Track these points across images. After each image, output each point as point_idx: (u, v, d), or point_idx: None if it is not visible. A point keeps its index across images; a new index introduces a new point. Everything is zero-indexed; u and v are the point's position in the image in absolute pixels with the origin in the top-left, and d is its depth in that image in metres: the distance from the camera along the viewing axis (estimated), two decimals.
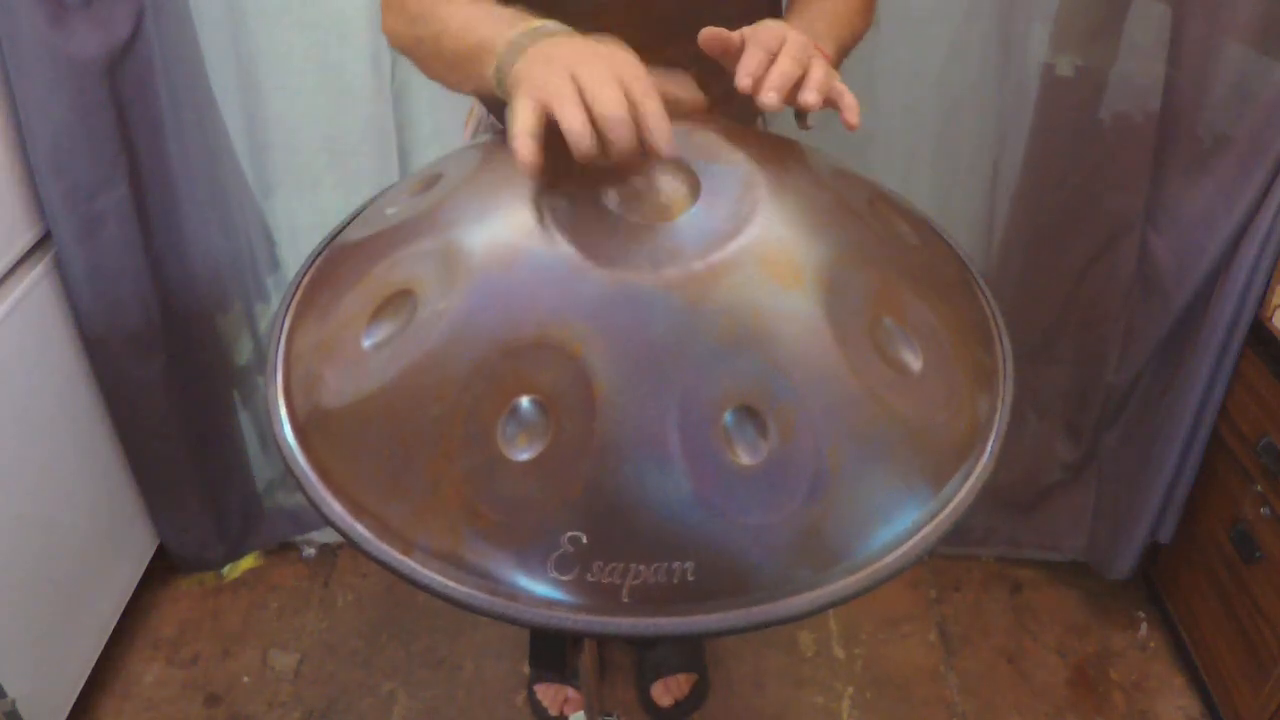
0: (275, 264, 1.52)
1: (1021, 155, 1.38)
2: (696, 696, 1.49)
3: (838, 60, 0.81)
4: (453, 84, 0.79)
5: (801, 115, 0.71)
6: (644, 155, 0.60)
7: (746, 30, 0.71)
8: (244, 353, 1.58)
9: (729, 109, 0.86)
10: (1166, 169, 1.28)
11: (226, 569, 1.69)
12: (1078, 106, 1.31)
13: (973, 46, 1.32)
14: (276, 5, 1.30)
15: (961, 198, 1.45)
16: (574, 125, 0.58)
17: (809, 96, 0.67)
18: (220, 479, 1.61)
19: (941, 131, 1.41)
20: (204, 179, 1.38)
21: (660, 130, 0.59)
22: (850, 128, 0.68)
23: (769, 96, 0.66)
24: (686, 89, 0.70)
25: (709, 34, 0.71)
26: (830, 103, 0.69)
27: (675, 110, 0.62)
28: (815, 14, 0.84)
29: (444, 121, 1.41)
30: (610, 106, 0.58)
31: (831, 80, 0.69)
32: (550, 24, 0.68)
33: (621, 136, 0.58)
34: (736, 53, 0.70)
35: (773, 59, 0.68)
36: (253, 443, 1.65)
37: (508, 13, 0.72)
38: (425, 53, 0.80)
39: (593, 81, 0.59)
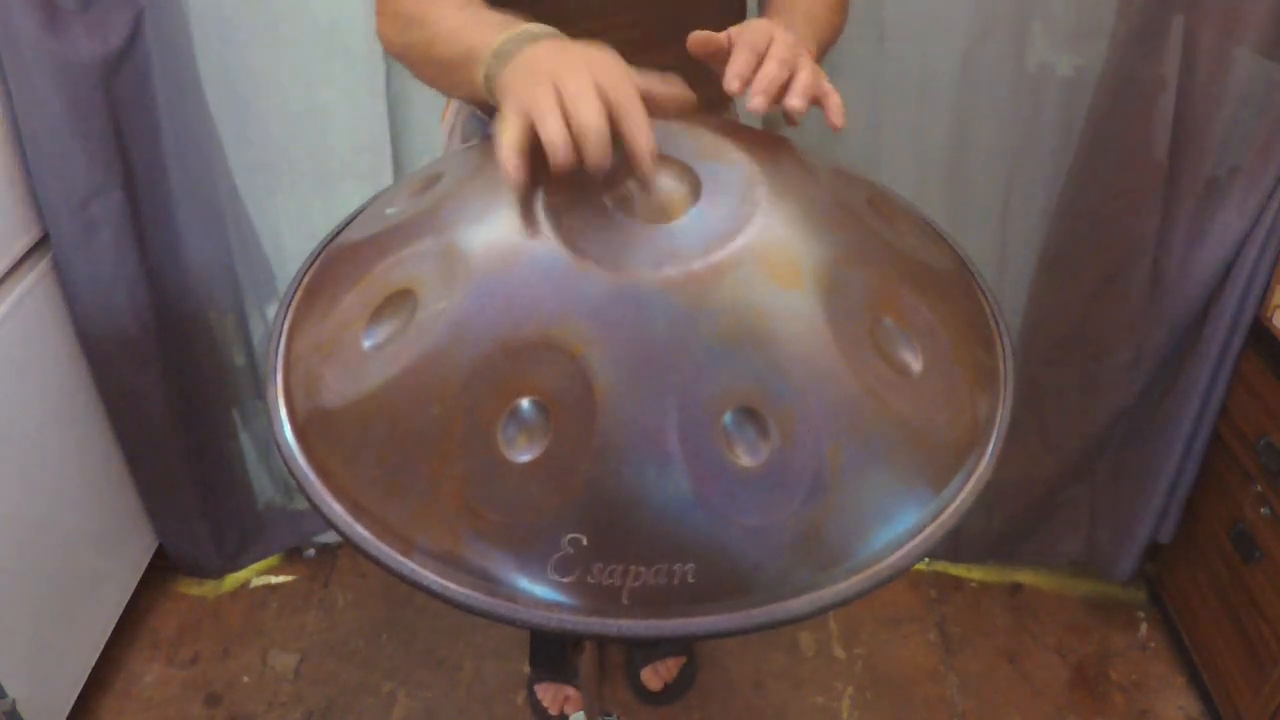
0: (270, 275, 1.52)
1: (1035, 173, 1.37)
2: (686, 678, 1.51)
3: (818, 60, 0.80)
4: (445, 89, 0.79)
5: (789, 115, 0.71)
6: (624, 164, 0.60)
7: (734, 30, 0.71)
8: (239, 362, 1.57)
9: (729, 110, 0.86)
10: (1180, 189, 1.27)
11: (227, 580, 1.70)
12: (1094, 125, 1.29)
13: (985, 64, 1.30)
14: (266, 21, 1.29)
15: (974, 217, 1.42)
16: (554, 139, 0.57)
17: (795, 102, 0.67)
18: (219, 490, 1.61)
19: (952, 151, 1.38)
20: (199, 187, 1.38)
21: (640, 140, 0.58)
22: (834, 129, 0.68)
23: (757, 100, 0.66)
24: (675, 89, 0.67)
25: (697, 38, 0.72)
26: (816, 102, 0.69)
27: (662, 112, 0.62)
28: (794, 14, 0.83)
29: (442, 136, 1.41)
30: (589, 118, 0.57)
31: (818, 81, 0.69)
32: (536, 27, 0.68)
33: (597, 149, 0.57)
34: (725, 54, 0.69)
35: (760, 60, 0.68)
36: (251, 455, 1.65)
37: (495, 18, 0.71)
38: (417, 58, 0.79)
39: (574, 91, 0.58)
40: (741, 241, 0.59)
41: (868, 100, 1.36)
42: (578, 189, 0.63)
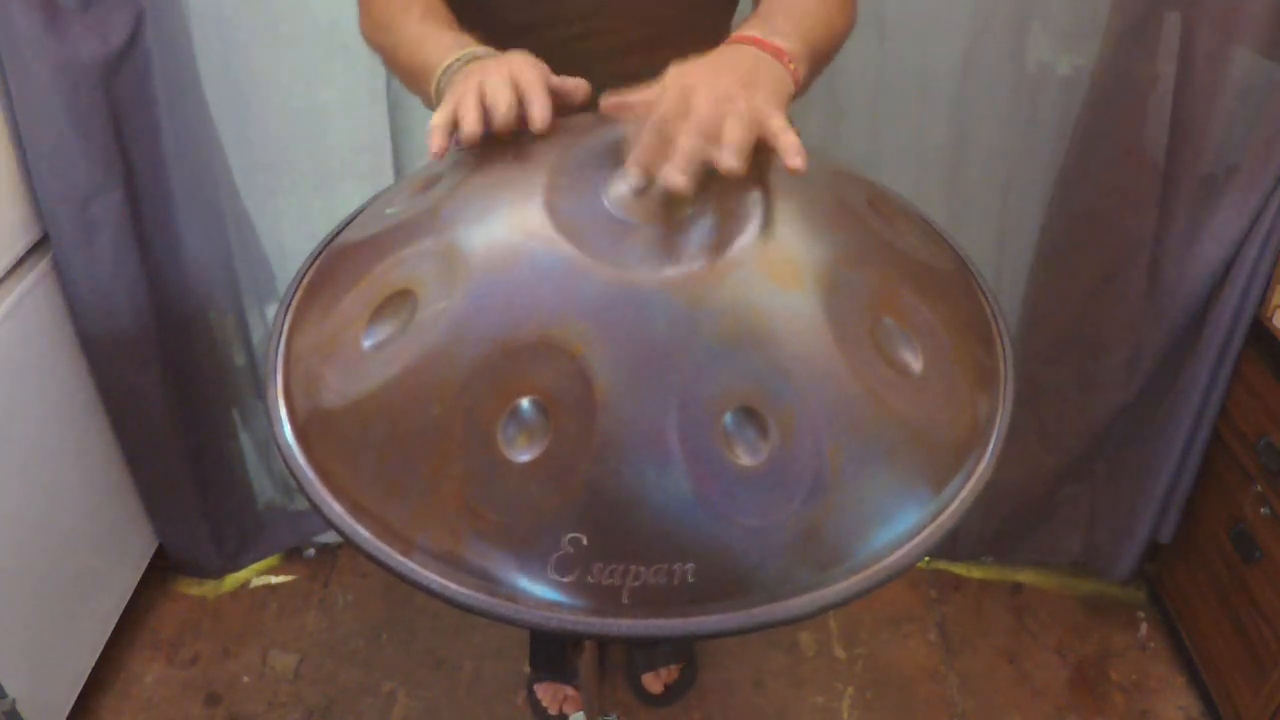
0: (270, 275, 1.52)
1: (1034, 172, 1.36)
2: (686, 680, 1.52)
3: (812, 61, 0.75)
4: (409, 89, 0.86)
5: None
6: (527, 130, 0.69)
7: (645, 99, 0.64)
8: (240, 362, 1.57)
9: None
10: (1179, 188, 1.26)
11: (227, 580, 1.70)
12: (1087, 121, 1.29)
13: (984, 63, 1.29)
14: (266, 21, 1.29)
15: (974, 217, 1.42)
16: (465, 114, 0.68)
17: (729, 161, 0.59)
18: (219, 490, 1.61)
19: (952, 150, 1.38)
20: (199, 187, 1.38)
21: (535, 110, 0.69)
22: (791, 172, 0.61)
23: (672, 176, 0.59)
24: (579, 84, 0.74)
25: (609, 104, 0.68)
26: (766, 146, 0.62)
27: (568, 101, 0.73)
28: (779, 9, 0.78)
29: None
30: (497, 95, 0.69)
31: (764, 124, 0.61)
32: (481, 49, 0.77)
33: (501, 116, 0.68)
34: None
35: (666, 141, 0.60)
36: (251, 455, 1.65)
37: (449, 36, 0.80)
38: (387, 59, 0.89)
39: (490, 80, 0.70)
40: (742, 241, 0.59)
41: (868, 100, 1.36)
42: (578, 189, 0.63)
